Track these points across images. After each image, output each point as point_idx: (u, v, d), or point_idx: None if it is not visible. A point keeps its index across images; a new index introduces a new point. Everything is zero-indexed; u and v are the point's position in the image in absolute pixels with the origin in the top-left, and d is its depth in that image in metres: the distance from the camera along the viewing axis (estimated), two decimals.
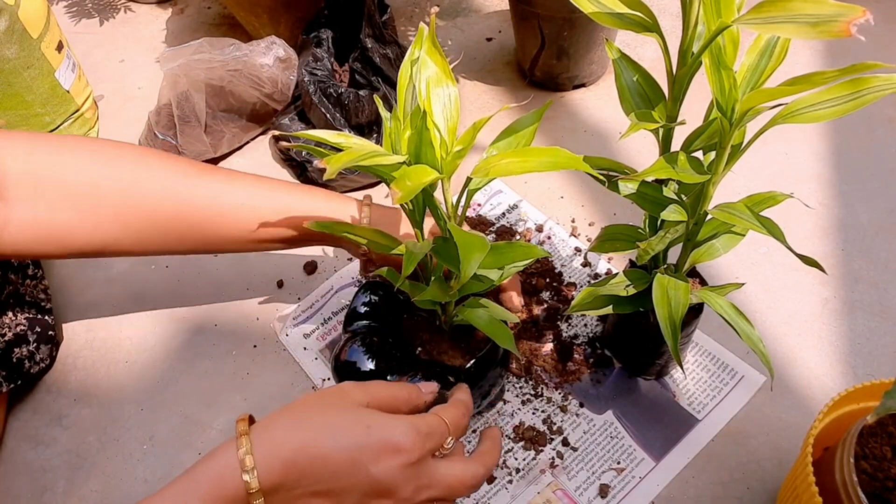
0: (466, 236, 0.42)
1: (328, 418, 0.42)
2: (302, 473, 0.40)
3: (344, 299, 0.74)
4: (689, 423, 0.62)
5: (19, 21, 0.81)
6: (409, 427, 0.42)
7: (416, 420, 0.43)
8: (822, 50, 0.94)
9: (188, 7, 1.18)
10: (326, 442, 0.41)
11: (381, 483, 0.41)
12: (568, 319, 0.69)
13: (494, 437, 0.49)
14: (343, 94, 0.81)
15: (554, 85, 0.93)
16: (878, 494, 0.44)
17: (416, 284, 0.52)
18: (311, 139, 0.43)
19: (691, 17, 0.40)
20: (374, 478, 0.41)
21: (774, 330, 0.67)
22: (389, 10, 0.85)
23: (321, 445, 0.41)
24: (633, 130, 0.42)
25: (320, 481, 0.41)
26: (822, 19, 0.30)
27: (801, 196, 0.77)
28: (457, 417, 0.46)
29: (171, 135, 0.86)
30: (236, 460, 0.39)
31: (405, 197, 0.38)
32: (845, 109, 0.38)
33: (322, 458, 0.40)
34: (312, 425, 0.42)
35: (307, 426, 0.42)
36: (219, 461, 0.40)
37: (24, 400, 0.70)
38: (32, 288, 0.70)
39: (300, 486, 0.40)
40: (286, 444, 0.40)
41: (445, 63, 0.43)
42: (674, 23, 1.00)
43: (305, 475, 0.40)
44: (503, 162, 0.41)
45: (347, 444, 0.41)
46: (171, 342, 0.73)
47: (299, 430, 0.41)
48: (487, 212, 0.80)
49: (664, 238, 0.49)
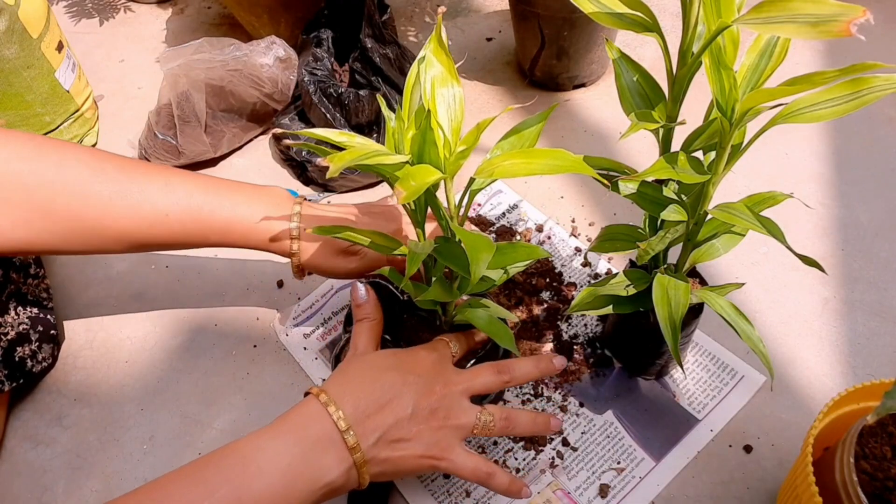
0: (473, 237, 0.42)
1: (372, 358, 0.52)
2: (352, 385, 0.50)
3: (344, 299, 0.74)
4: (689, 423, 0.62)
5: (19, 21, 0.81)
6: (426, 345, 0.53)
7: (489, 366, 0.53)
8: (823, 50, 0.94)
9: (188, 7, 1.18)
10: (367, 367, 0.51)
11: (422, 385, 0.50)
12: (568, 319, 0.69)
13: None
14: (343, 94, 0.81)
15: (554, 85, 0.93)
16: (878, 494, 0.44)
17: (418, 284, 0.52)
18: (313, 137, 0.43)
19: (691, 17, 0.40)
20: (418, 383, 0.50)
21: (774, 330, 0.68)
22: (389, 10, 0.85)
23: (411, 361, 0.51)
24: (633, 130, 0.42)
25: (370, 397, 0.49)
26: (823, 19, 0.30)
27: (801, 196, 0.77)
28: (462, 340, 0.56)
29: (171, 135, 0.86)
30: (330, 421, 0.47)
31: (409, 197, 0.38)
32: (845, 109, 0.38)
33: (412, 363, 0.52)
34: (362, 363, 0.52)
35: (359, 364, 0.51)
36: (315, 421, 0.47)
37: (24, 400, 0.70)
38: (34, 287, 0.70)
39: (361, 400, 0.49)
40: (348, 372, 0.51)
41: (451, 63, 0.43)
42: (674, 23, 1.00)
43: (354, 386, 0.50)
44: (507, 163, 0.41)
45: (383, 364, 0.51)
46: (171, 342, 0.73)
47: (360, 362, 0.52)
48: (487, 212, 0.80)
49: (664, 238, 0.49)
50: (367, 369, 0.50)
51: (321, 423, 0.47)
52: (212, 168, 0.90)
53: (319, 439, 0.46)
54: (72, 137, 0.93)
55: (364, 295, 0.55)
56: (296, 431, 0.47)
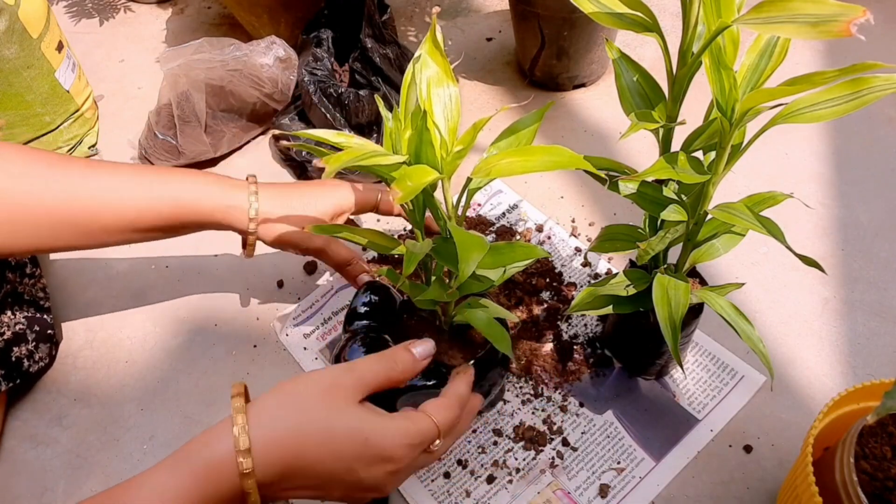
0: (465, 236, 0.42)
1: (327, 424, 0.43)
2: (296, 475, 0.42)
3: (344, 299, 0.74)
4: (689, 423, 0.62)
5: (19, 21, 0.81)
6: (402, 439, 0.44)
7: (411, 431, 0.45)
8: (823, 50, 0.94)
9: (188, 7, 1.18)
10: (325, 452, 0.42)
11: (369, 485, 0.44)
12: (568, 319, 0.69)
13: (473, 410, 0.51)
14: (343, 94, 0.81)
15: (554, 85, 0.93)
16: (878, 494, 0.44)
17: (417, 284, 0.52)
18: (311, 138, 0.43)
19: (691, 17, 0.40)
20: (362, 480, 0.44)
21: (774, 330, 0.67)
22: (389, 10, 0.85)
23: (319, 455, 0.42)
24: (633, 130, 0.42)
25: (310, 479, 0.43)
26: (823, 19, 0.30)
27: (801, 196, 0.77)
28: (450, 420, 0.47)
29: (171, 135, 0.86)
30: (233, 451, 0.40)
31: (406, 197, 0.38)
32: (845, 109, 0.38)
33: (319, 465, 0.42)
34: (311, 431, 0.42)
35: (306, 430, 0.42)
36: (209, 447, 0.41)
37: (23, 400, 0.70)
38: (31, 286, 0.70)
39: (292, 482, 0.43)
40: (284, 446, 0.41)
41: (447, 63, 0.43)
42: (674, 23, 1.00)
43: (299, 476, 0.42)
44: (504, 162, 0.41)
45: (346, 456, 0.43)
46: (171, 342, 0.73)
47: (298, 434, 0.42)
48: (487, 212, 0.80)
49: (664, 238, 0.49)
50: (325, 434, 0.42)
51: (223, 473, 0.40)
52: (212, 168, 0.90)
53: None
54: (72, 137, 0.93)
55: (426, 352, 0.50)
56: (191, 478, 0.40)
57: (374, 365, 0.47)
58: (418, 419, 0.46)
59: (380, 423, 0.44)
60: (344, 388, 0.44)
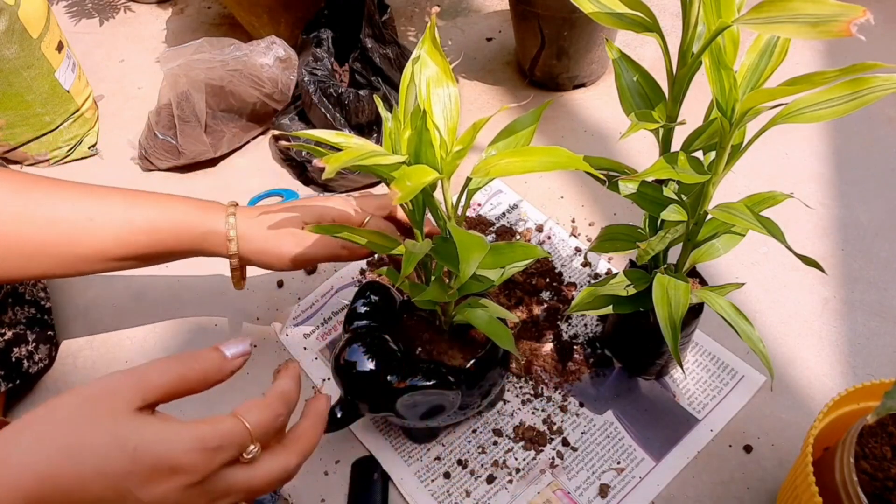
0: (466, 236, 0.42)
1: (86, 435, 0.34)
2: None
3: (344, 299, 0.74)
4: (689, 423, 0.62)
5: (19, 21, 0.81)
6: (192, 444, 0.35)
7: (205, 431, 0.36)
8: (823, 50, 0.94)
9: (188, 7, 1.18)
10: (81, 469, 0.33)
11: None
12: (568, 319, 0.69)
13: (317, 411, 0.43)
14: (343, 94, 0.81)
15: (554, 85, 0.93)
16: (878, 494, 0.44)
17: (416, 284, 0.52)
18: (310, 139, 0.43)
19: (691, 17, 0.40)
20: (145, 503, 0.35)
21: (774, 330, 0.67)
22: (389, 10, 0.85)
23: (70, 475, 0.33)
24: (633, 130, 0.42)
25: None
26: (823, 19, 0.30)
27: (801, 196, 0.77)
28: (265, 420, 0.38)
29: (171, 135, 0.86)
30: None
31: (405, 197, 0.38)
32: (845, 109, 0.38)
33: (74, 490, 0.33)
34: (64, 446, 0.34)
35: (57, 446, 0.34)
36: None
37: (23, 400, 0.70)
38: (32, 287, 0.70)
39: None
40: (28, 471, 0.33)
41: (446, 63, 0.43)
42: (674, 23, 1.00)
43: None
44: (503, 162, 0.41)
45: (108, 472, 0.34)
46: (171, 342, 0.73)
47: (47, 452, 0.33)
48: (487, 212, 0.80)
49: (664, 238, 0.49)
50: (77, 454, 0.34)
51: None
52: (212, 168, 0.90)
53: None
54: (72, 137, 0.93)
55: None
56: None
57: (164, 365, 0.38)
58: (218, 420, 0.37)
59: (158, 429, 0.35)
60: (113, 394, 0.36)
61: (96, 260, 0.55)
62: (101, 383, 0.37)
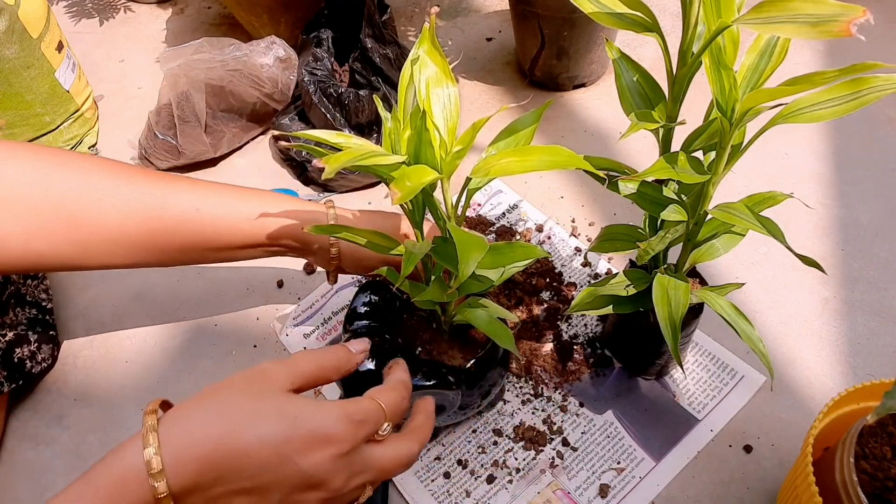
0: (465, 236, 0.42)
1: (250, 406, 0.38)
2: (221, 471, 0.37)
3: (344, 299, 0.74)
4: (689, 423, 0.62)
5: (19, 21, 0.81)
6: (340, 416, 0.39)
7: (348, 407, 0.40)
8: (823, 50, 0.94)
9: (188, 7, 1.18)
10: (248, 435, 0.37)
11: (312, 476, 0.38)
12: (568, 319, 0.69)
13: (427, 409, 0.47)
14: (343, 94, 0.81)
15: (554, 85, 0.93)
16: (878, 494, 0.44)
17: (416, 284, 0.52)
18: (310, 139, 0.43)
19: (691, 17, 0.40)
20: (303, 471, 0.38)
21: (774, 330, 0.67)
22: (389, 10, 0.85)
23: (242, 439, 0.37)
24: (633, 130, 0.42)
25: (243, 478, 0.37)
26: (823, 19, 0.30)
27: (801, 196, 0.77)
28: (395, 401, 0.43)
29: (171, 135, 0.86)
30: (142, 461, 0.35)
31: (405, 197, 0.38)
32: (845, 109, 0.38)
33: (243, 453, 0.37)
34: (232, 415, 0.38)
35: (226, 417, 0.38)
36: (122, 462, 0.36)
37: (24, 400, 0.70)
38: (34, 288, 0.70)
39: (219, 485, 0.37)
40: (201, 438, 0.37)
41: (445, 63, 0.43)
42: (674, 23, 1.00)
43: (225, 473, 0.37)
44: (503, 161, 0.41)
45: (272, 437, 0.37)
46: (171, 342, 0.73)
47: (217, 421, 0.37)
48: (487, 212, 0.80)
49: (664, 238, 0.49)
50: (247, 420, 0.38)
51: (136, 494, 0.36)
52: (212, 168, 0.90)
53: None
54: (72, 137, 0.93)
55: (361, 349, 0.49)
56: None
57: (307, 355, 0.44)
58: (357, 400, 0.42)
59: (311, 403, 0.40)
60: (270, 376, 0.41)
61: (198, 250, 0.56)
62: (256, 369, 0.41)
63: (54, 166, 0.51)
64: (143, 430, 0.37)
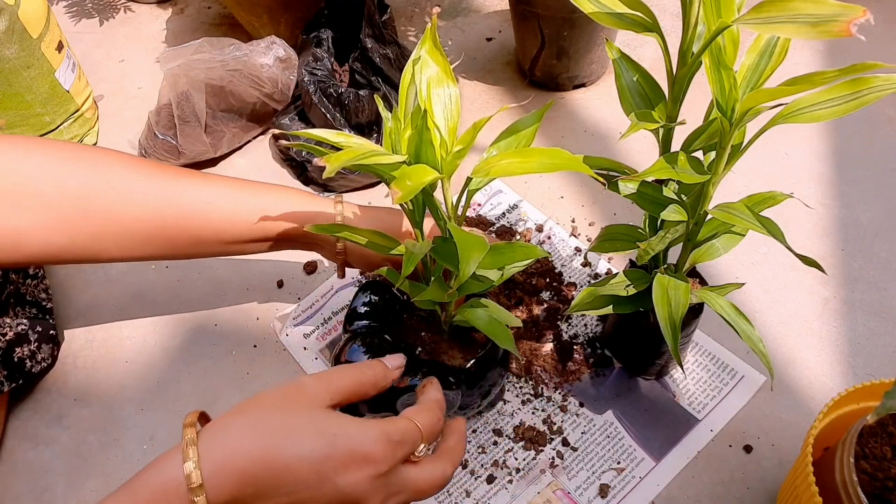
0: (466, 236, 0.42)
1: (289, 423, 0.39)
2: (259, 486, 0.37)
3: (344, 299, 0.74)
4: (689, 423, 0.62)
5: (19, 21, 0.81)
6: (379, 436, 0.39)
7: (387, 427, 0.40)
8: (823, 50, 0.94)
9: (188, 7, 1.18)
10: (287, 451, 0.37)
11: (348, 495, 0.38)
12: (568, 319, 0.69)
13: (460, 430, 0.47)
14: (343, 94, 0.81)
15: (554, 85, 0.93)
16: (878, 494, 0.44)
17: (416, 284, 0.52)
18: (310, 138, 0.43)
19: (691, 17, 0.40)
20: (340, 489, 0.38)
21: (774, 330, 0.67)
22: (389, 10, 0.85)
23: (281, 455, 0.37)
24: (633, 130, 0.42)
25: (280, 494, 0.37)
26: (823, 19, 0.30)
27: (801, 196, 0.77)
28: (431, 422, 0.43)
29: (171, 135, 0.86)
30: (182, 474, 0.36)
31: (405, 197, 0.38)
32: (845, 109, 0.38)
33: (283, 469, 0.37)
34: (270, 431, 0.38)
35: (265, 432, 0.38)
36: (162, 474, 0.36)
37: (24, 400, 0.70)
38: (33, 288, 0.70)
39: (257, 500, 0.37)
40: (241, 452, 0.37)
41: (446, 63, 0.43)
42: (674, 23, 1.00)
43: (263, 488, 0.37)
44: (503, 162, 0.41)
45: (311, 454, 0.37)
46: (171, 342, 0.73)
47: (255, 436, 0.37)
48: (487, 212, 0.80)
49: (664, 238, 0.49)
50: (286, 438, 0.38)
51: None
52: (212, 168, 0.90)
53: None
54: (72, 137, 0.93)
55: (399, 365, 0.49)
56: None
57: (344, 371, 0.44)
58: (396, 419, 0.42)
59: (350, 422, 0.40)
60: (308, 392, 0.41)
61: (209, 243, 0.56)
62: (293, 384, 0.41)
63: (69, 160, 0.52)
64: (183, 443, 0.37)
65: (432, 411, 0.44)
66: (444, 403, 0.47)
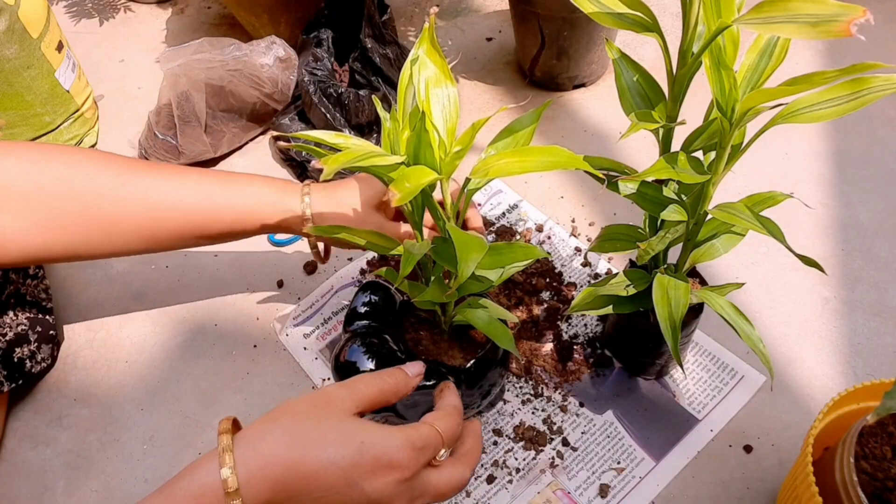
0: (464, 236, 0.42)
1: (319, 431, 0.40)
2: (291, 492, 0.39)
3: (344, 299, 0.74)
4: (689, 423, 0.62)
5: (19, 21, 0.81)
6: (404, 442, 0.41)
7: (411, 434, 0.42)
8: (823, 50, 0.94)
9: (188, 7, 1.18)
10: (317, 458, 0.39)
11: (375, 500, 0.40)
12: (568, 319, 0.69)
13: (476, 432, 0.48)
14: (343, 94, 0.81)
15: (554, 85, 0.93)
16: (878, 494, 0.44)
17: (416, 284, 0.52)
18: (309, 139, 0.43)
19: (691, 17, 0.40)
20: (367, 494, 0.40)
21: (774, 330, 0.67)
22: (389, 10, 0.85)
23: (313, 462, 0.39)
24: (633, 130, 0.42)
25: (311, 499, 0.39)
26: (823, 19, 0.30)
27: (801, 196, 0.77)
28: (451, 427, 0.45)
29: (171, 135, 0.86)
30: (219, 479, 0.37)
31: (404, 198, 0.38)
32: (845, 109, 0.38)
33: (313, 475, 0.39)
34: (303, 439, 0.40)
35: (296, 440, 0.39)
36: (199, 479, 0.38)
37: (24, 400, 0.70)
38: (33, 287, 0.70)
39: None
40: (275, 459, 0.39)
41: (444, 63, 0.43)
42: (674, 23, 1.00)
43: (295, 494, 0.39)
44: (502, 162, 0.41)
45: (341, 462, 0.39)
46: (171, 342, 0.73)
47: (287, 444, 0.39)
48: (487, 212, 0.80)
49: (664, 238, 0.49)
50: (316, 445, 0.40)
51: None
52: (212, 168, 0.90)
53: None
54: (72, 137, 0.93)
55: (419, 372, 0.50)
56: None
57: (367, 379, 0.46)
58: (418, 425, 0.44)
59: (376, 429, 0.41)
60: (335, 401, 0.42)
61: (178, 237, 0.58)
62: (320, 393, 0.43)
63: (40, 161, 0.53)
64: (219, 449, 0.38)
65: (452, 417, 0.46)
66: (462, 408, 0.48)
